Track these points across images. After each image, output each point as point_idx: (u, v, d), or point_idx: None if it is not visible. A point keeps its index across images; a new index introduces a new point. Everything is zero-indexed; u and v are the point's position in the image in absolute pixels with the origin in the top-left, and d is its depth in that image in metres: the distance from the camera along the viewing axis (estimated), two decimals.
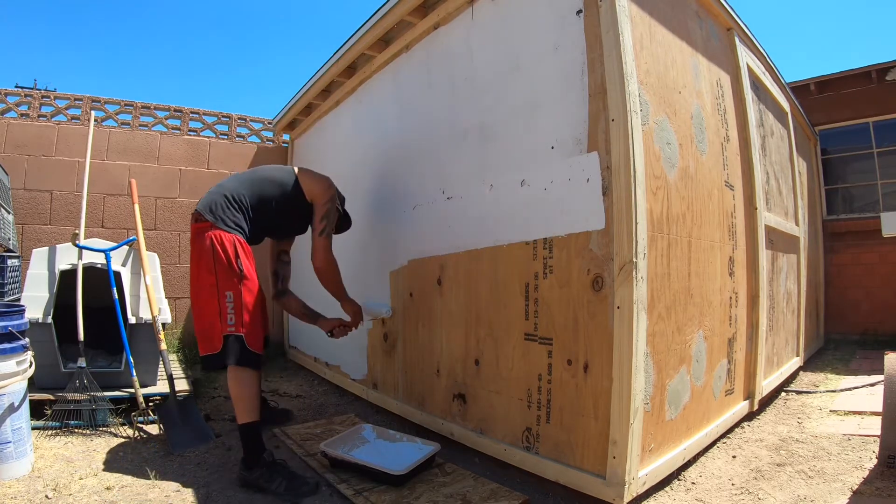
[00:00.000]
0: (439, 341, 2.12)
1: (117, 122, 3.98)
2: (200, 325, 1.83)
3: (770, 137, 2.85)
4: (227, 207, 1.89)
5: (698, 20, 2.05)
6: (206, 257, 1.80)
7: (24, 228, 3.59)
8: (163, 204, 4.00)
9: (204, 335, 1.80)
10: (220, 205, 1.89)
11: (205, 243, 1.81)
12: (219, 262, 1.78)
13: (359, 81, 2.90)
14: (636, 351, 1.40)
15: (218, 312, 1.76)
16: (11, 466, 1.67)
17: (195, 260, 1.86)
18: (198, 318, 1.85)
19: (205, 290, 1.80)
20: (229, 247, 1.81)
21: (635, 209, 1.42)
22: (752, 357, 2.32)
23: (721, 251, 2.04)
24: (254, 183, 2.01)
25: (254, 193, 1.98)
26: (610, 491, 1.40)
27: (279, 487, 1.60)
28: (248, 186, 1.99)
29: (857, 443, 1.98)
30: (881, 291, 4.56)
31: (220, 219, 1.85)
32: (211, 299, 1.78)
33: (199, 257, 1.83)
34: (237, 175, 2.08)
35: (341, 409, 2.71)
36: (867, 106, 4.79)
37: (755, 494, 1.57)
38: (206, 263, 1.80)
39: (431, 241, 2.19)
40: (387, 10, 2.35)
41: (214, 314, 1.77)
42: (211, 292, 1.78)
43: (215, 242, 1.80)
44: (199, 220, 1.87)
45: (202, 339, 1.81)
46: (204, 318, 1.81)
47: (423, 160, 2.28)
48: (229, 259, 1.79)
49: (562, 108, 1.62)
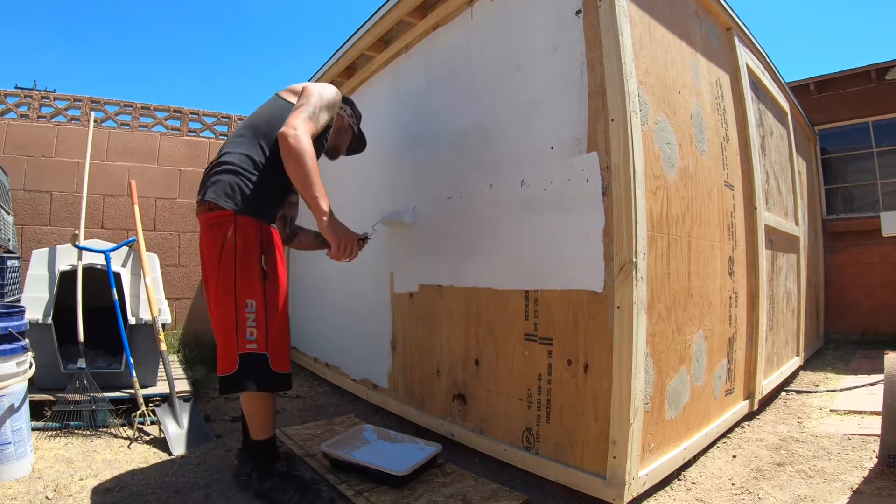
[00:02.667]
0: (439, 341, 2.12)
1: (117, 123, 3.98)
2: (217, 339, 1.53)
3: (770, 137, 2.85)
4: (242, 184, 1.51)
5: (698, 20, 2.05)
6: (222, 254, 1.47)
7: (23, 229, 3.59)
8: (163, 205, 4.01)
9: (220, 352, 1.50)
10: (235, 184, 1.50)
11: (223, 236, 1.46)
12: (240, 258, 1.45)
13: (358, 82, 2.91)
14: (636, 351, 1.40)
15: (235, 325, 1.45)
16: (11, 467, 1.67)
17: (207, 256, 1.52)
18: (215, 329, 1.53)
19: (219, 295, 1.48)
20: (253, 240, 1.47)
21: (635, 209, 1.42)
22: (752, 357, 2.32)
23: (721, 251, 2.04)
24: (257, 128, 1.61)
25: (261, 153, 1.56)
26: (610, 491, 1.40)
27: (291, 500, 1.50)
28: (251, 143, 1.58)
29: (857, 442, 1.98)
30: (881, 291, 4.57)
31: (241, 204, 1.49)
32: (226, 307, 1.46)
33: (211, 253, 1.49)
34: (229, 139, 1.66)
35: (341, 409, 2.71)
36: (867, 106, 4.79)
37: (755, 494, 1.57)
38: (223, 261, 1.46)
39: (431, 242, 2.19)
40: (386, 11, 2.35)
41: (230, 326, 1.46)
42: (226, 298, 1.46)
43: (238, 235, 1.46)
44: (213, 208, 1.50)
45: (219, 356, 1.51)
46: (219, 330, 1.50)
47: (423, 160, 2.28)
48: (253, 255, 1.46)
49: (561, 108, 1.62)
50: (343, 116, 1.92)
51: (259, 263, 1.48)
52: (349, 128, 1.96)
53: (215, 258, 1.48)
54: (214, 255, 1.48)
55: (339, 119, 1.91)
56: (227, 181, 1.51)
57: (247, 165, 1.54)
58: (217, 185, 1.52)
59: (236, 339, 1.45)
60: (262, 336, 1.46)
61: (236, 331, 1.45)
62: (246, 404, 1.57)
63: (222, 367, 1.49)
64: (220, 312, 1.49)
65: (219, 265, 1.48)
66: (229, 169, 1.53)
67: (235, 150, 1.57)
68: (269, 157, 1.57)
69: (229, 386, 1.48)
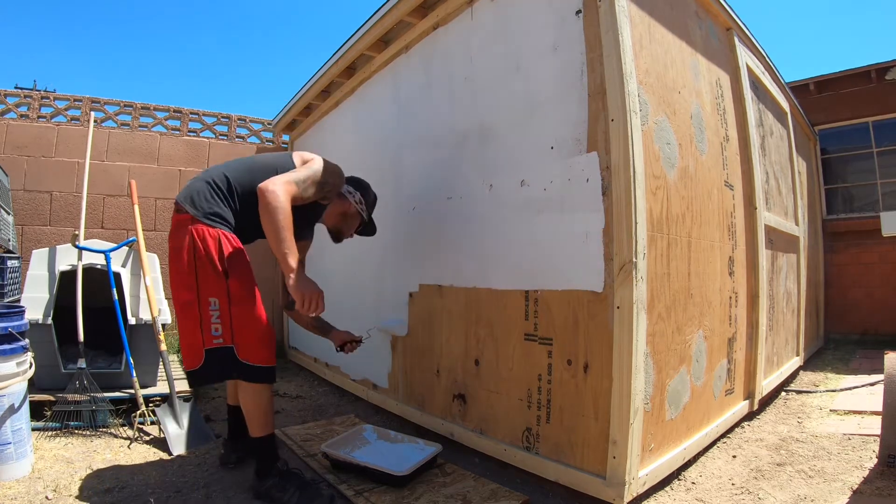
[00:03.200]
0: (439, 341, 2.12)
1: (117, 123, 3.98)
2: (182, 337, 1.57)
3: (769, 137, 2.85)
4: (210, 197, 1.59)
5: (698, 20, 2.05)
6: (185, 255, 1.53)
7: (23, 229, 3.59)
8: (162, 205, 4.00)
9: (185, 350, 1.57)
10: (203, 194, 1.59)
11: (184, 239, 1.53)
12: (200, 261, 1.51)
13: (358, 82, 2.90)
14: (636, 351, 1.40)
15: (199, 322, 1.51)
16: (12, 467, 1.67)
17: (173, 258, 1.58)
18: (179, 326, 1.57)
19: (183, 295, 1.54)
20: (212, 243, 1.52)
21: (635, 209, 1.42)
22: (752, 357, 2.32)
23: (721, 251, 2.04)
24: (244, 171, 1.69)
25: (243, 183, 1.65)
26: (610, 491, 1.41)
27: (291, 498, 1.51)
28: (237, 174, 1.67)
29: (857, 442, 1.98)
30: (881, 291, 4.57)
31: (201, 210, 1.56)
32: (190, 307, 1.52)
33: (178, 255, 1.55)
34: (227, 162, 1.76)
35: (341, 409, 2.71)
36: (867, 106, 4.79)
37: (755, 494, 1.57)
38: (184, 262, 1.53)
39: (431, 242, 2.19)
40: (386, 11, 2.35)
41: (195, 325, 1.51)
42: (189, 298, 1.52)
43: (196, 238, 1.52)
44: (180, 211, 1.59)
45: (184, 352, 1.58)
46: (184, 327, 1.55)
47: (423, 161, 2.28)
48: (211, 257, 1.51)
49: (561, 109, 1.62)
50: (350, 203, 1.88)
51: (219, 264, 1.52)
52: (357, 214, 1.91)
53: (178, 258, 1.56)
54: (177, 255, 1.56)
55: (345, 204, 1.88)
56: (197, 188, 1.62)
57: (222, 184, 1.64)
58: (187, 189, 1.63)
59: (201, 336, 1.52)
60: (227, 331, 1.52)
61: (201, 328, 1.51)
62: (244, 400, 1.61)
63: (189, 362, 1.56)
64: (184, 311, 1.55)
65: (180, 266, 1.55)
66: (205, 179, 1.64)
67: (221, 169, 1.69)
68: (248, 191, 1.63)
69: (197, 380, 1.58)
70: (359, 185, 1.93)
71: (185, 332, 1.56)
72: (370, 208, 1.96)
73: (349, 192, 1.89)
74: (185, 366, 1.58)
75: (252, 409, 1.59)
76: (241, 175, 1.67)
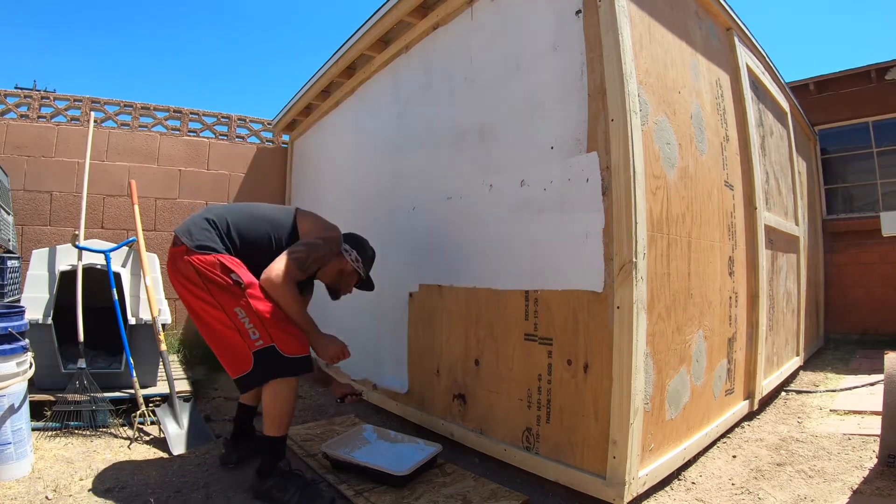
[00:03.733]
0: (439, 341, 2.12)
1: (117, 123, 3.98)
2: (223, 354, 1.61)
3: (769, 137, 2.85)
4: (208, 233, 1.65)
5: (698, 20, 2.05)
6: (192, 283, 1.59)
7: (23, 229, 3.59)
8: (162, 205, 4.01)
9: (231, 360, 1.59)
10: (202, 228, 1.66)
11: (187, 269, 1.59)
12: (209, 282, 1.57)
13: (358, 82, 2.91)
14: (636, 351, 1.40)
15: (238, 333, 1.55)
16: (12, 467, 1.67)
17: (183, 289, 1.63)
18: (216, 347, 1.62)
19: (210, 318, 1.59)
20: (213, 265, 1.58)
21: (635, 209, 1.42)
22: (752, 357, 2.32)
23: (721, 251, 2.04)
24: (245, 217, 1.75)
25: (241, 229, 1.71)
26: (610, 491, 1.40)
27: (292, 499, 1.52)
28: (237, 219, 1.73)
29: (857, 442, 1.98)
30: (881, 291, 4.57)
31: (197, 242, 1.61)
32: (224, 323, 1.57)
33: (186, 286, 1.61)
34: (229, 205, 1.84)
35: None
36: (866, 106, 4.79)
37: (755, 494, 1.57)
38: (197, 289, 1.59)
39: (431, 242, 2.19)
40: (386, 11, 2.35)
41: (234, 337, 1.56)
42: (219, 316, 1.57)
43: (195, 265, 1.58)
44: (176, 243, 1.65)
45: (229, 362, 1.60)
46: (223, 346, 1.60)
47: (423, 160, 2.28)
48: (218, 275, 1.57)
49: (561, 109, 1.62)
50: (347, 261, 1.89)
51: (227, 277, 1.58)
52: (354, 272, 1.92)
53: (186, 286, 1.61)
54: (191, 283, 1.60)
55: (342, 262, 1.89)
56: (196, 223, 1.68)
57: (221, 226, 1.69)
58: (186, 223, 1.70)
59: (244, 342, 1.55)
60: (263, 332, 1.56)
61: (241, 335, 1.56)
62: (268, 400, 1.60)
63: (238, 368, 1.58)
64: (217, 329, 1.59)
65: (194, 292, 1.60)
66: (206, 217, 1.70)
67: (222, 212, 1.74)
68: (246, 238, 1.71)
69: (250, 383, 1.58)
70: (356, 242, 1.94)
71: (226, 344, 1.59)
72: (367, 265, 1.95)
73: (346, 251, 1.89)
74: (234, 374, 1.59)
75: (279, 406, 1.60)
76: (241, 220, 1.74)
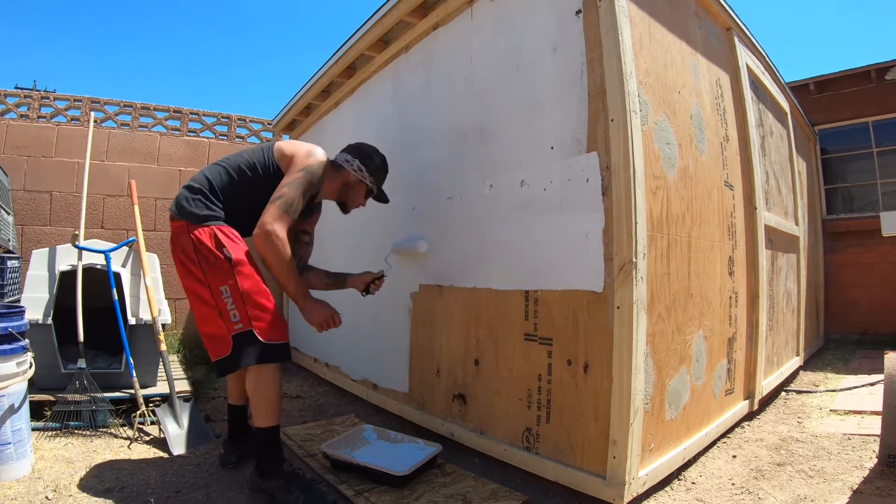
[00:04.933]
0: (439, 341, 2.12)
1: (117, 123, 3.98)
2: (205, 331, 1.64)
3: (769, 137, 2.85)
4: (193, 199, 1.65)
5: (698, 20, 2.05)
6: (187, 257, 1.62)
7: (23, 229, 3.59)
8: (162, 205, 4.01)
9: (211, 340, 1.62)
10: (188, 198, 1.66)
11: (182, 243, 1.63)
12: (202, 258, 1.59)
13: (358, 82, 2.90)
14: (636, 351, 1.40)
15: (218, 313, 1.57)
16: (12, 467, 1.67)
17: (178, 263, 1.67)
18: (200, 324, 1.66)
19: (197, 293, 1.62)
20: (208, 239, 1.59)
21: (635, 209, 1.42)
22: (752, 357, 2.32)
23: (721, 251, 2.04)
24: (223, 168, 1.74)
25: (223, 179, 1.71)
26: (610, 491, 1.41)
27: (296, 501, 1.50)
28: (217, 172, 1.72)
29: (857, 442, 1.98)
30: (881, 291, 4.57)
31: (190, 214, 1.63)
32: (207, 302, 1.59)
33: (182, 259, 1.64)
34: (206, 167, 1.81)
35: (341, 409, 2.71)
36: (866, 105, 4.80)
37: (755, 494, 1.57)
38: (189, 264, 1.62)
39: (431, 242, 2.19)
40: (386, 11, 2.35)
41: (215, 316, 1.58)
42: (203, 293, 1.59)
43: (193, 240, 1.60)
44: (173, 219, 1.68)
45: (210, 344, 1.63)
46: (206, 323, 1.62)
47: (423, 160, 2.28)
48: (211, 251, 1.58)
49: (561, 109, 1.62)
50: (349, 172, 1.85)
51: (219, 254, 1.58)
52: (358, 182, 1.86)
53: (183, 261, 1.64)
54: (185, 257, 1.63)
55: (343, 175, 1.85)
56: (184, 195, 1.68)
57: (204, 186, 1.69)
58: (177, 198, 1.70)
59: (224, 324, 1.57)
60: (243, 316, 1.57)
61: (221, 316, 1.57)
62: (254, 386, 1.59)
63: (216, 351, 1.59)
64: (201, 307, 1.62)
65: (187, 267, 1.63)
66: (190, 187, 1.70)
67: (203, 173, 1.74)
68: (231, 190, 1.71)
69: (226, 368, 1.59)
70: (358, 151, 1.86)
71: (207, 325, 1.61)
72: (375, 174, 1.88)
73: (346, 161, 1.84)
74: (213, 356, 1.61)
75: (262, 395, 1.58)
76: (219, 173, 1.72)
